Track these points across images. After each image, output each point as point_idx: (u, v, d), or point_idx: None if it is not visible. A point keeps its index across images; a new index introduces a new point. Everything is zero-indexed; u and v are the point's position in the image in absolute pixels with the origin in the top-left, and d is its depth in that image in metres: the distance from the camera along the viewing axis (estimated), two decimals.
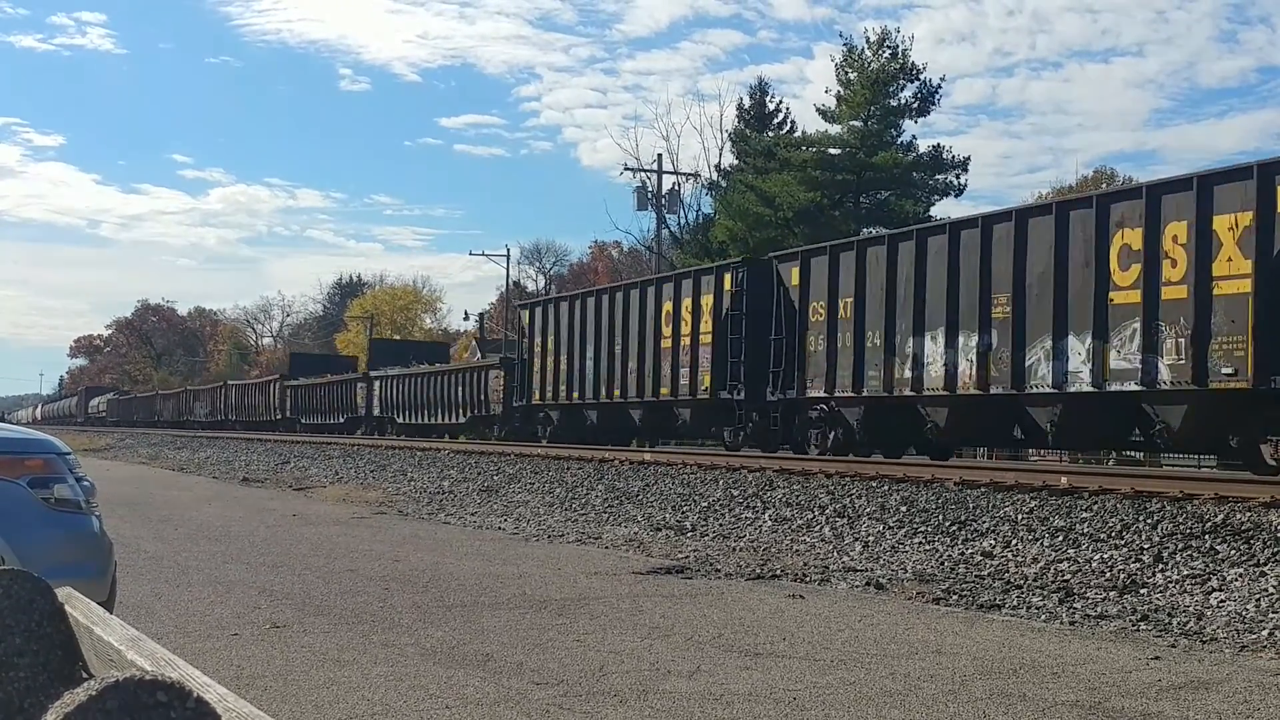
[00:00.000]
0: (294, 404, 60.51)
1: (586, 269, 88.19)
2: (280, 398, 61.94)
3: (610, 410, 28.97)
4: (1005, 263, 17.90)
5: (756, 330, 23.47)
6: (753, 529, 14.75)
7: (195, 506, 19.57)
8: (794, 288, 22.35)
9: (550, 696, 6.08)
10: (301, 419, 58.19)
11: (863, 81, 46.12)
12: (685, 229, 62.91)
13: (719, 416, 25.19)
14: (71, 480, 6.09)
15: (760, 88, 58.50)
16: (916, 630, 8.23)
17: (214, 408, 74.00)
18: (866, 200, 47.71)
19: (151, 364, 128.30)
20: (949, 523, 13.36)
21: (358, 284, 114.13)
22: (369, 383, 51.23)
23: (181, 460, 38.79)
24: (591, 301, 30.23)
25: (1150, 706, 6.05)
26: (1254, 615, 8.71)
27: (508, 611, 8.80)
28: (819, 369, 21.74)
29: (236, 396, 70.33)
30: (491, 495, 20.59)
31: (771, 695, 6.16)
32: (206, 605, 9.04)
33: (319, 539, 14.13)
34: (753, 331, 23.59)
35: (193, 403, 79.64)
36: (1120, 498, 12.90)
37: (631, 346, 27.64)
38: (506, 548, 13.41)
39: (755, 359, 23.39)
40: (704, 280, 25.82)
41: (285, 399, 61.44)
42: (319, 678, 6.46)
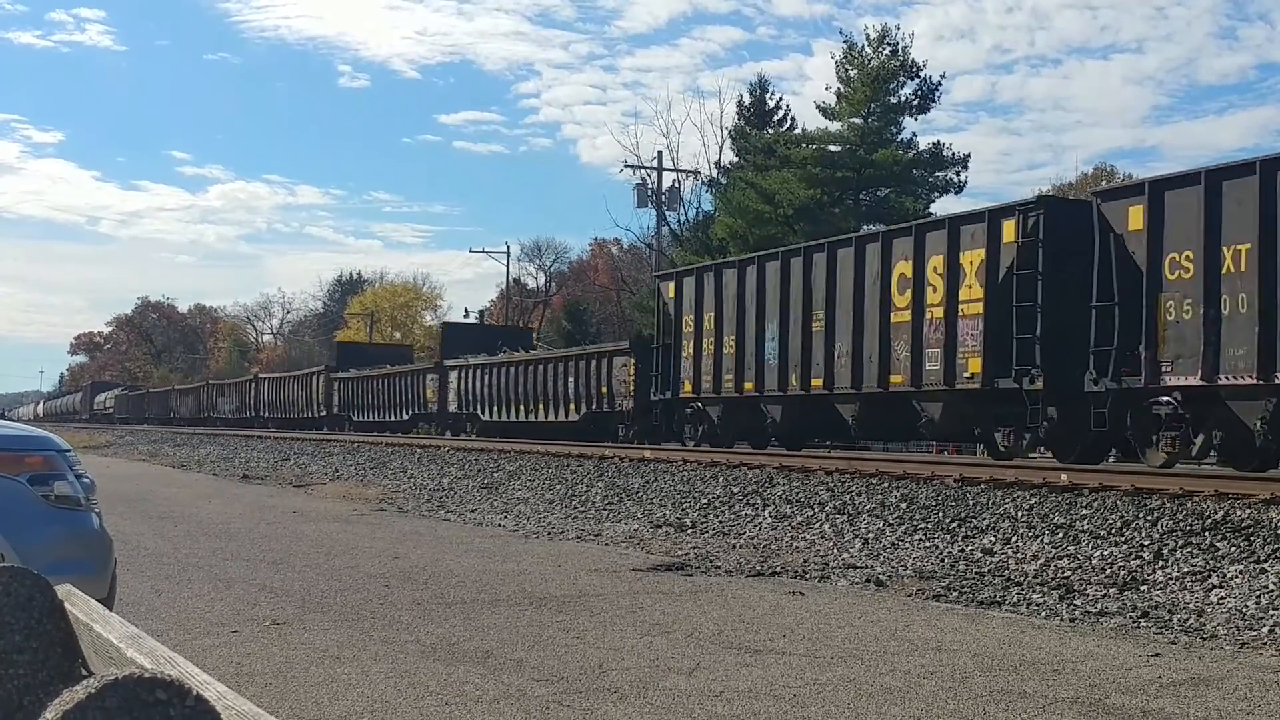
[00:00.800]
0: (343, 399, 53.67)
1: (586, 266, 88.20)
2: (326, 392, 55.06)
3: (804, 405, 22.97)
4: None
5: (1056, 295, 17.81)
6: (753, 526, 14.76)
7: (195, 503, 19.57)
8: (1133, 234, 16.13)
9: (550, 693, 6.08)
10: (352, 416, 51.87)
11: (863, 79, 46.10)
12: (685, 226, 62.89)
13: (986, 412, 19.49)
14: (71, 477, 6.09)
15: (760, 85, 58.49)
16: (916, 627, 8.23)
17: (241, 404, 67.50)
18: (867, 197, 47.71)
19: (151, 361, 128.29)
20: (949, 519, 13.36)
21: (358, 281, 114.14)
22: (442, 374, 43.62)
23: (181, 457, 38.79)
24: (774, 267, 23.63)
25: (1150, 703, 6.05)
26: (1254, 612, 8.71)
27: (507, 608, 8.80)
28: (1183, 345, 15.50)
29: (271, 391, 63.17)
30: (491, 492, 20.59)
31: (771, 692, 6.16)
32: (206, 602, 9.04)
33: (319, 536, 14.13)
34: (1052, 296, 17.88)
35: (216, 398, 73.05)
36: (1120, 494, 12.90)
37: (841, 321, 21.46)
38: (506, 545, 13.41)
39: (1055, 333, 17.77)
40: (966, 232, 19.36)
41: (332, 394, 54.50)
42: (319, 675, 6.46)
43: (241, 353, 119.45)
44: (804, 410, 23.16)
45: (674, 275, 28.50)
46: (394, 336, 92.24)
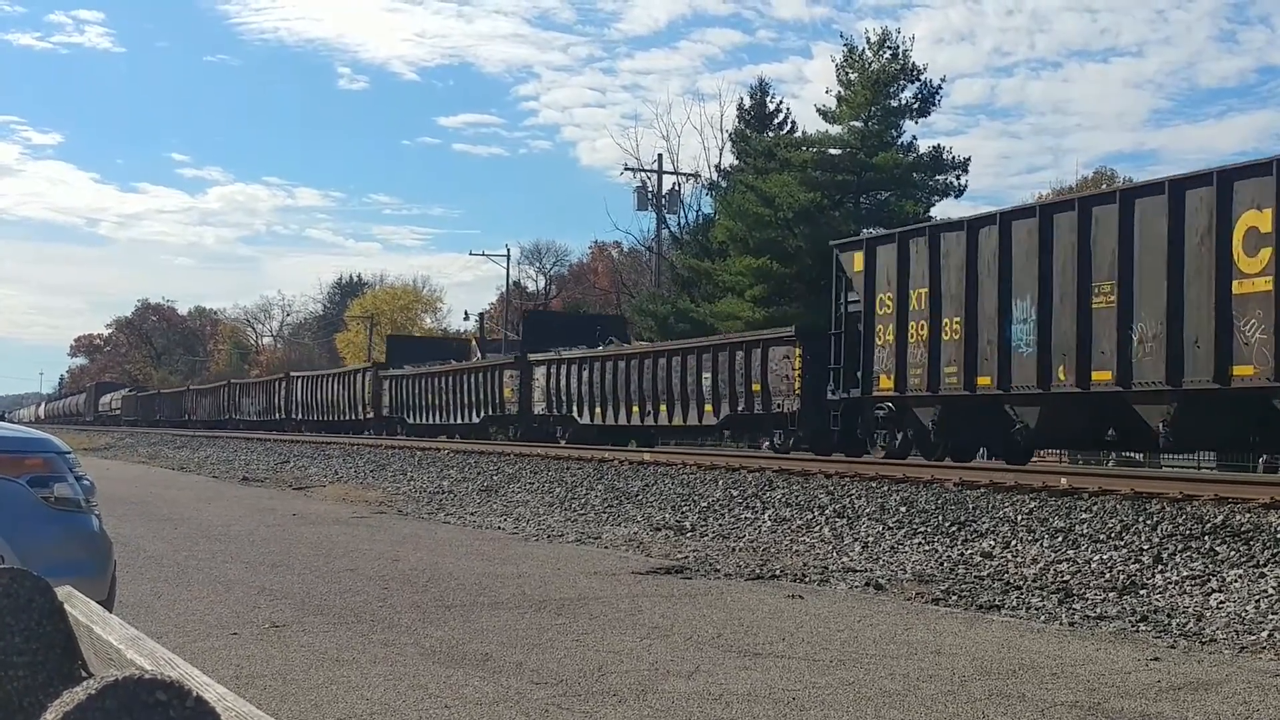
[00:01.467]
0: (396, 400, 46.94)
1: (587, 269, 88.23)
2: (374, 392, 48.55)
3: (1076, 406, 18.01)
4: None
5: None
6: (752, 529, 14.75)
7: (195, 506, 19.57)
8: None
9: (549, 696, 6.08)
10: (407, 419, 45.39)
11: (863, 82, 46.10)
12: (685, 229, 62.92)
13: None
14: (71, 479, 6.09)
15: (761, 88, 58.53)
16: (915, 631, 8.23)
17: (269, 405, 60.93)
18: (867, 201, 47.70)
19: (151, 363, 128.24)
20: (948, 523, 13.36)
21: (358, 284, 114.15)
22: (526, 369, 37.18)
23: (181, 459, 38.79)
24: (1026, 226, 18.39)
25: (1149, 707, 6.05)
26: (1253, 616, 8.71)
27: (507, 611, 8.80)
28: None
29: (305, 392, 56.43)
30: (491, 495, 20.59)
31: (770, 695, 6.16)
32: (206, 604, 9.04)
33: (318, 538, 14.13)
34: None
35: (239, 399, 66.84)
36: (1120, 498, 12.91)
37: (1143, 295, 16.45)
38: (506, 547, 13.41)
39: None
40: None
41: (381, 393, 47.90)
42: (318, 677, 6.46)
43: (241, 355, 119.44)
44: (1075, 412, 18.11)
45: (863, 243, 22.66)
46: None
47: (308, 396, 56.11)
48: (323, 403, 54.32)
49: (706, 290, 51.05)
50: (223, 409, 69.10)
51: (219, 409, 69.94)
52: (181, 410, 79.07)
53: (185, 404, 79.12)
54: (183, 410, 78.73)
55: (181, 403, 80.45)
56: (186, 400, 79.65)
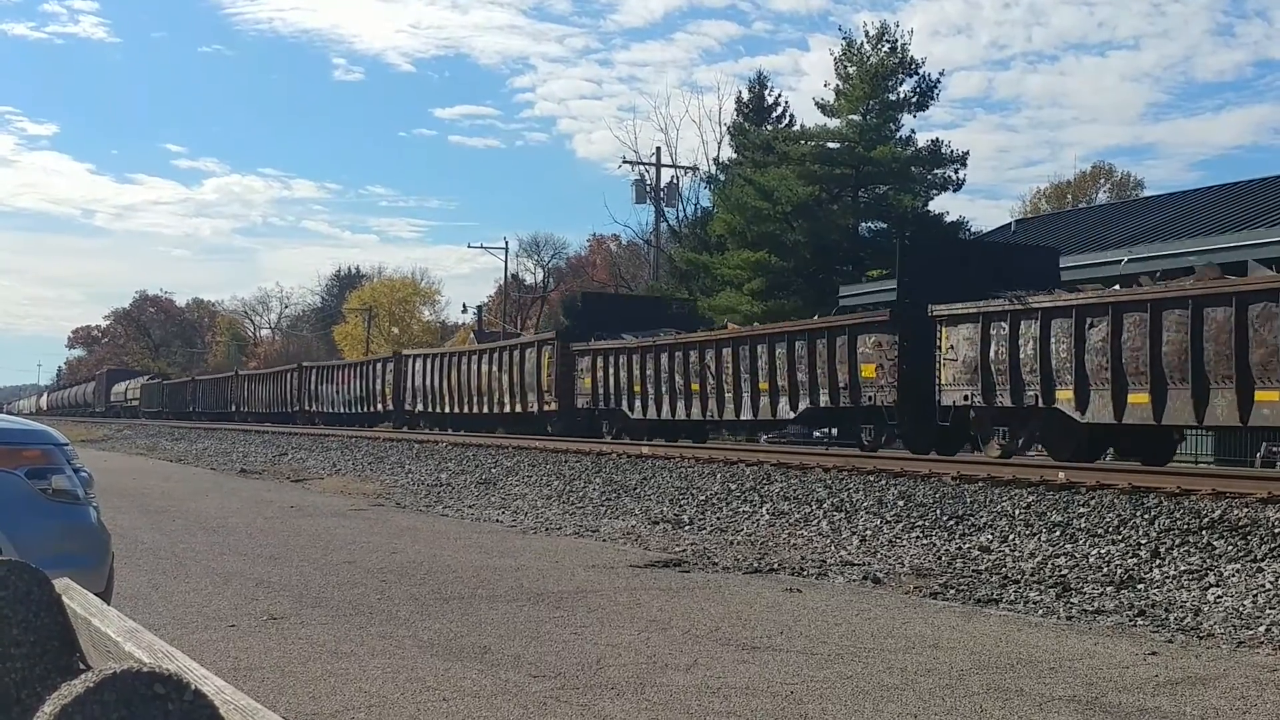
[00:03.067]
0: (605, 385, 30.76)
1: (585, 262, 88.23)
2: (559, 372, 32.12)
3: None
4: None
5: None
6: (750, 523, 14.76)
7: (193, 498, 19.56)
8: None
9: (547, 689, 6.08)
10: (630, 411, 29.76)
11: (862, 76, 46.08)
12: (683, 222, 62.94)
13: None
14: (69, 471, 6.09)
15: (759, 81, 58.56)
16: (913, 624, 8.23)
17: (364, 395, 46.37)
18: (865, 194, 47.70)
19: (149, 355, 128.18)
20: (946, 517, 13.37)
21: (356, 276, 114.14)
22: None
23: (179, 451, 38.79)
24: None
25: (1147, 702, 6.06)
26: (1251, 611, 8.72)
27: (505, 604, 8.80)
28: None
29: (427, 375, 40.72)
30: (489, 488, 20.59)
31: (768, 689, 6.17)
32: (204, 597, 9.04)
33: (317, 531, 14.13)
34: None
35: (313, 386, 52.00)
36: (1118, 493, 12.91)
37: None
38: (504, 540, 13.41)
39: None
40: None
41: (566, 376, 32.11)
42: (316, 669, 6.46)
43: (240, 347, 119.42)
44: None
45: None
46: (392, 332, 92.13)
47: (431, 380, 40.21)
48: (456, 387, 38.41)
49: (705, 284, 51.07)
50: (284, 400, 54.99)
51: (279, 400, 55.58)
52: (225, 400, 63.80)
53: (229, 394, 63.45)
54: (227, 400, 63.49)
55: (223, 391, 65.12)
56: (231, 389, 63.52)
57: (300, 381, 53.70)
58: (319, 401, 51.74)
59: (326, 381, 51.45)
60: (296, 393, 53.80)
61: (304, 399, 53.21)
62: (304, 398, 53.21)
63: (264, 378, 60.93)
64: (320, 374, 52.80)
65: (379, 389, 45.48)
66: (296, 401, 53.67)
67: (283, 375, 57.19)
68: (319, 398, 51.78)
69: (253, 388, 60.74)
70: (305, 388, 53.23)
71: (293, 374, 55.42)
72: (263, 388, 59.18)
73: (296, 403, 53.68)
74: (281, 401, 55.41)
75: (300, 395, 53.42)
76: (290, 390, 54.62)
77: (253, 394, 60.03)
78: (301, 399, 53.26)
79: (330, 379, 51.19)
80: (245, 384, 62.60)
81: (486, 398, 36.03)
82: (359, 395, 47.42)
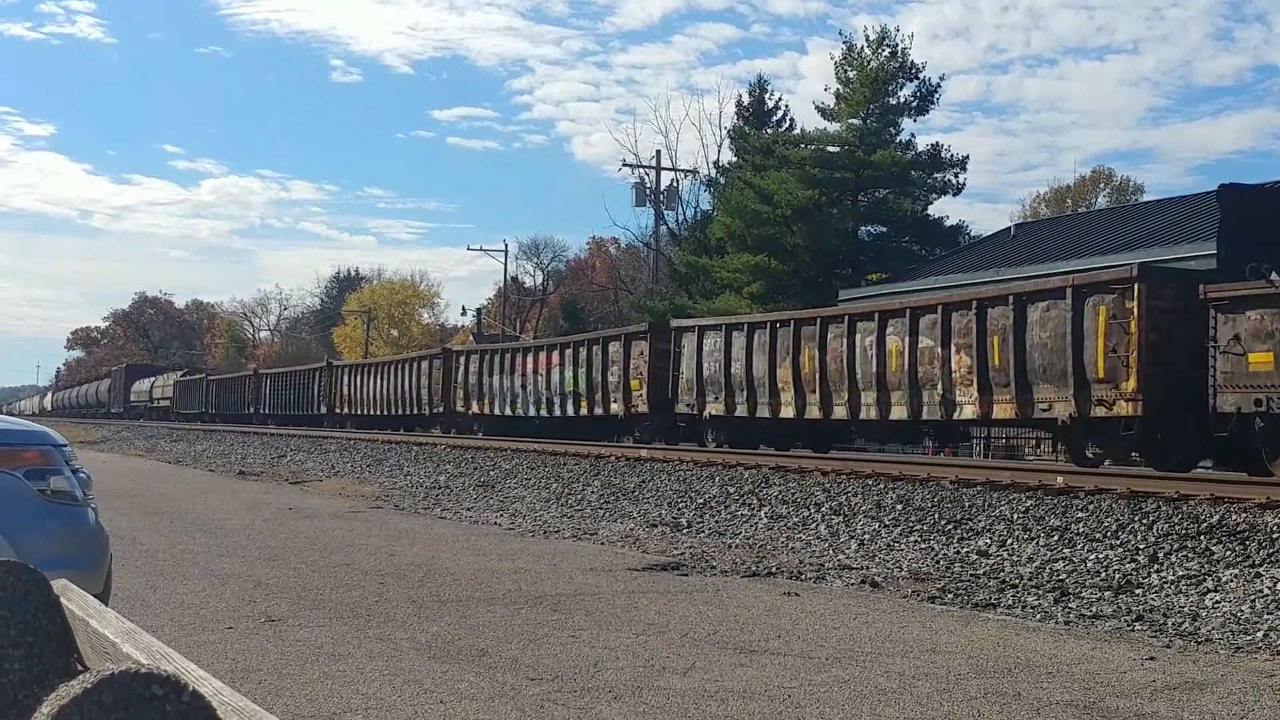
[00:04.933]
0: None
1: (584, 265, 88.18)
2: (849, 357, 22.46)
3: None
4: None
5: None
6: (748, 526, 14.76)
7: (191, 499, 19.56)
8: None
9: (545, 692, 6.08)
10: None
11: (862, 80, 46.14)
12: (683, 226, 62.95)
13: None
14: (67, 472, 6.09)
15: (759, 84, 58.57)
16: (911, 629, 8.23)
17: (525, 390, 33.72)
18: (865, 198, 47.74)
19: (148, 356, 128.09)
20: (945, 521, 13.37)
21: (356, 278, 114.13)
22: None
23: (178, 453, 38.78)
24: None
25: (1145, 707, 6.06)
26: (1249, 616, 8.72)
27: (503, 607, 8.80)
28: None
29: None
30: (487, 490, 20.59)
31: (766, 693, 6.17)
32: (202, 598, 9.04)
33: (315, 533, 14.13)
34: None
35: (463, 373, 37.93)
36: (1116, 498, 12.91)
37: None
38: (502, 543, 13.41)
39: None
40: None
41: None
42: (314, 671, 6.46)
43: (239, 349, 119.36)
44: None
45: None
46: (391, 335, 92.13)
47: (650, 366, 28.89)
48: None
49: (704, 287, 51.08)
50: (391, 403, 42.84)
51: (386, 401, 43.05)
52: (311, 401, 49.69)
53: (315, 388, 49.63)
54: (312, 401, 49.43)
55: (310, 387, 50.32)
56: (319, 383, 49.22)
57: (602, 360, 35.65)
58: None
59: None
60: (588, 385, 33.82)
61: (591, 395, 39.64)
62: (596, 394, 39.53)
63: (377, 368, 46.36)
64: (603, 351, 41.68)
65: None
66: (600, 401, 38.59)
67: (508, 354, 37.38)
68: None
69: (366, 379, 46.32)
70: (603, 372, 38.60)
71: (592, 347, 34.74)
72: (380, 381, 44.93)
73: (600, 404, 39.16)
74: (565, 400, 36.01)
75: (594, 389, 36.25)
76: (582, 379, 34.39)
77: (365, 390, 46.38)
78: (601, 395, 33.65)
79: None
80: (348, 375, 48.50)
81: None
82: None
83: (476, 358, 37.52)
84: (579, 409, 30.68)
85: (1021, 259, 34.54)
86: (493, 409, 35.69)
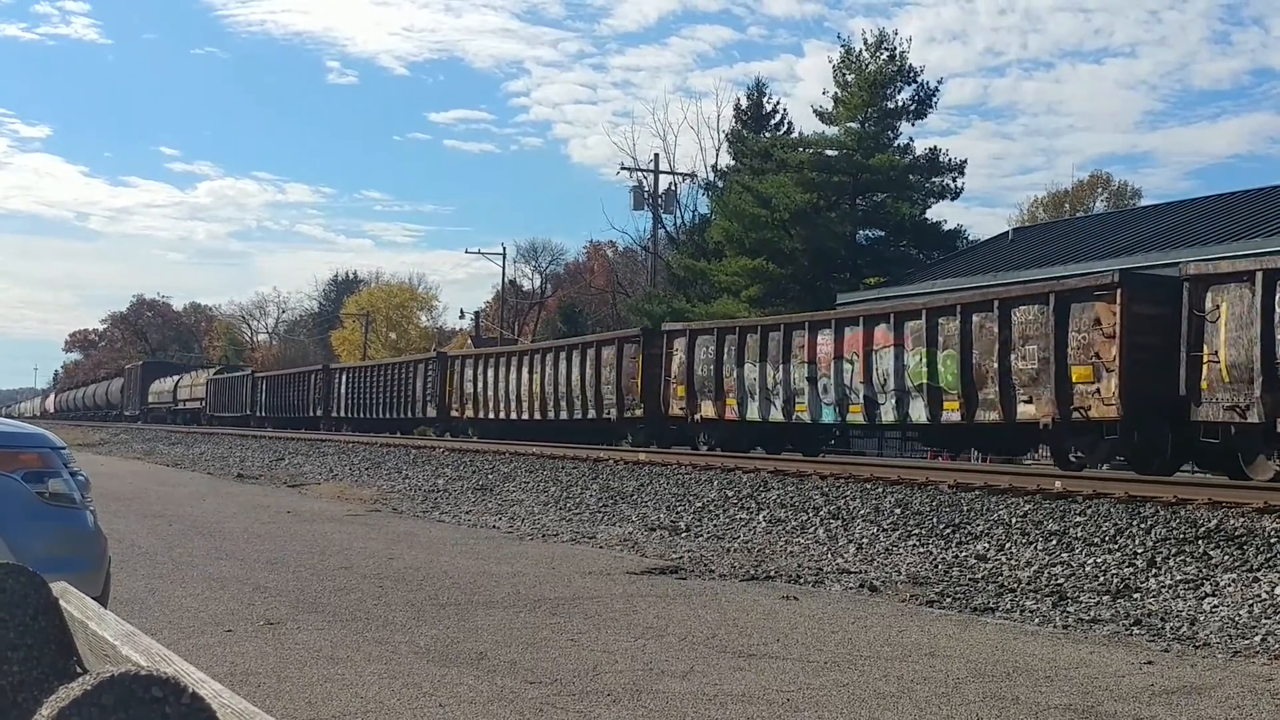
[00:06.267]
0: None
1: (583, 268, 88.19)
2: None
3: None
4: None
5: None
6: (747, 530, 14.76)
7: (190, 502, 19.55)
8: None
9: (543, 695, 6.08)
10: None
11: (860, 83, 46.18)
12: (681, 229, 62.99)
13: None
14: (66, 475, 6.08)
15: (758, 88, 58.62)
16: (910, 633, 8.23)
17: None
18: (863, 202, 47.76)
19: (147, 359, 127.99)
20: (943, 525, 13.37)
21: (354, 281, 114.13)
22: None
23: (176, 456, 38.76)
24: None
25: (1143, 711, 6.06)
26: (1247, 621, 8.72)
27: (502, 610, 8.79)
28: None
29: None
30: (486, 494, 20.58)
31: (765, 697, 6.16)
32: (201, 601, 9.03)
33: (313, 536, 14.12)
34: None
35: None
36: (1114, 502, 12.92)
37: None
38: (501, 546, 13.41)
39: None
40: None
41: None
42: (313, 674, 6.46)
43: (236, 352, 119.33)
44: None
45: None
46: (389, 337, 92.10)
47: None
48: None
49: (702, 290, 51.09)
50: (530, 407, 33.09)
51: (537, 405, 32.61)
52: (407, 402, 41.05)
53: (414, 385, 40.68)
54: (411, 401, 40.88)
55: (408, 384, 41.30)
56: (423, 379, 40.16)
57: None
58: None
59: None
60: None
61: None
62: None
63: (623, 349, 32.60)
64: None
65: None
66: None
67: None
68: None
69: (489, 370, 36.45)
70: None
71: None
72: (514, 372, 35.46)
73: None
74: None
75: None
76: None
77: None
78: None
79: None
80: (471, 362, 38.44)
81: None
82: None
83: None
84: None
85: (1019, 263, 34.57)
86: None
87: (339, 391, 48.48)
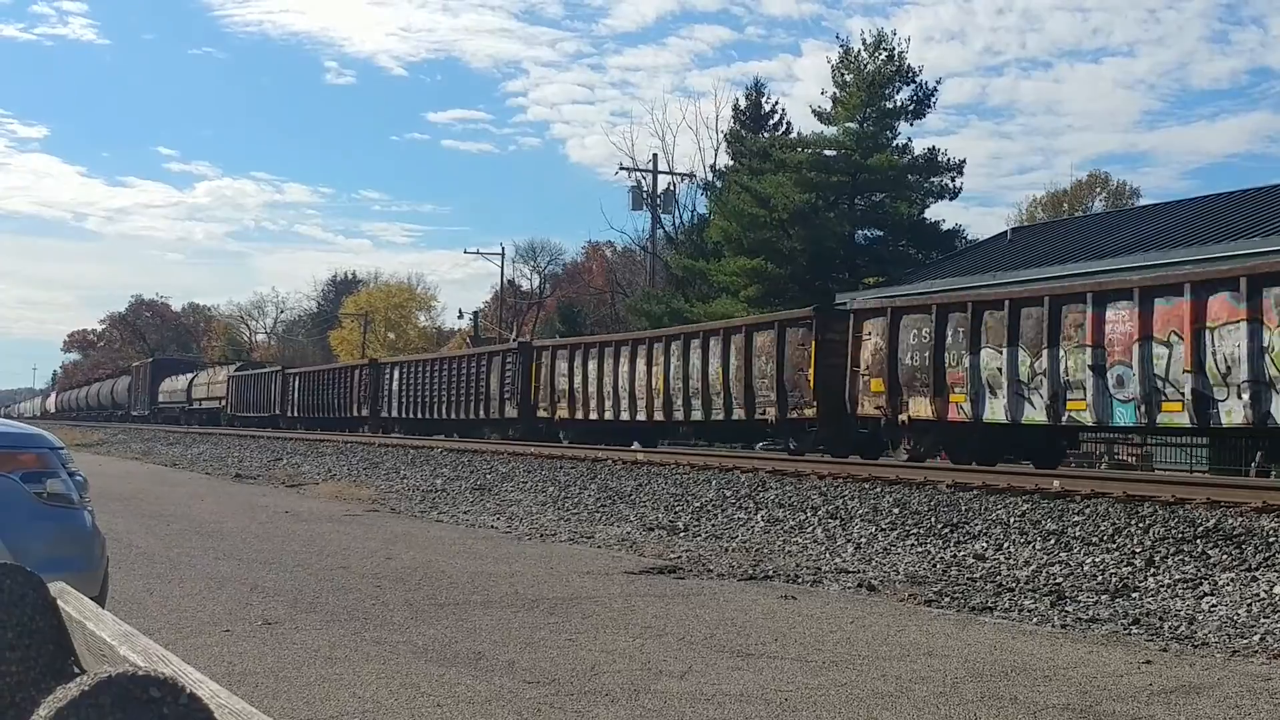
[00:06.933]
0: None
1: (581, 268, 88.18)
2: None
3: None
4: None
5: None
6: (745, 530, 14.76)
7: (188, 502, 19.54)
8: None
9: (541, 695, 6.08)
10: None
11: (859, 84, 46.17)
12: (680, 229, 62.98)
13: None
14: (64, 475, 6.08)
15: (756, 88, 58.63)
16: (908, 632, 8.23)
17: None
18: (862, 202, 47.76)
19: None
20: (941, 525, 13.37)
21: (352, 281, 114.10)
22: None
23: (174, 456, 38.74)
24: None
25: (1141, 711, 6.06)
26: (1245, 620, 8.73)
27: (500, 610, 8.79)
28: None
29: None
30: (484, 494, 20.58)
31: (763, 696, 6.16)
32: (199, 601, 9.03)
33: (311, 536, 14.11)
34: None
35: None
36: (1113, 501, 12.93)
37: None
38: (499, 546, 13.40)
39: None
40: None
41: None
42: (311, 675, 6.45)
43: (235, 352, 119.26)
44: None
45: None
46: (388, 338, 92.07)
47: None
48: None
49: (701, 290, 51.11)
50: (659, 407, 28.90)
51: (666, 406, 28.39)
52: (479, 400, 36.84)
53: (501, 381, 35.69)
54: (484, 399, 36.48)
55: (477, 379, 36.97)
56: (512, 371, 35.11)
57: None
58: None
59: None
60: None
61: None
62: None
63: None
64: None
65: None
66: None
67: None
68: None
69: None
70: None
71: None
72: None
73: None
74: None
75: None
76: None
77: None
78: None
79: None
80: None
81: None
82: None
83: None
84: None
85: (1017, 263, 34.58)
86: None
87: (390, 389, 43.70)
